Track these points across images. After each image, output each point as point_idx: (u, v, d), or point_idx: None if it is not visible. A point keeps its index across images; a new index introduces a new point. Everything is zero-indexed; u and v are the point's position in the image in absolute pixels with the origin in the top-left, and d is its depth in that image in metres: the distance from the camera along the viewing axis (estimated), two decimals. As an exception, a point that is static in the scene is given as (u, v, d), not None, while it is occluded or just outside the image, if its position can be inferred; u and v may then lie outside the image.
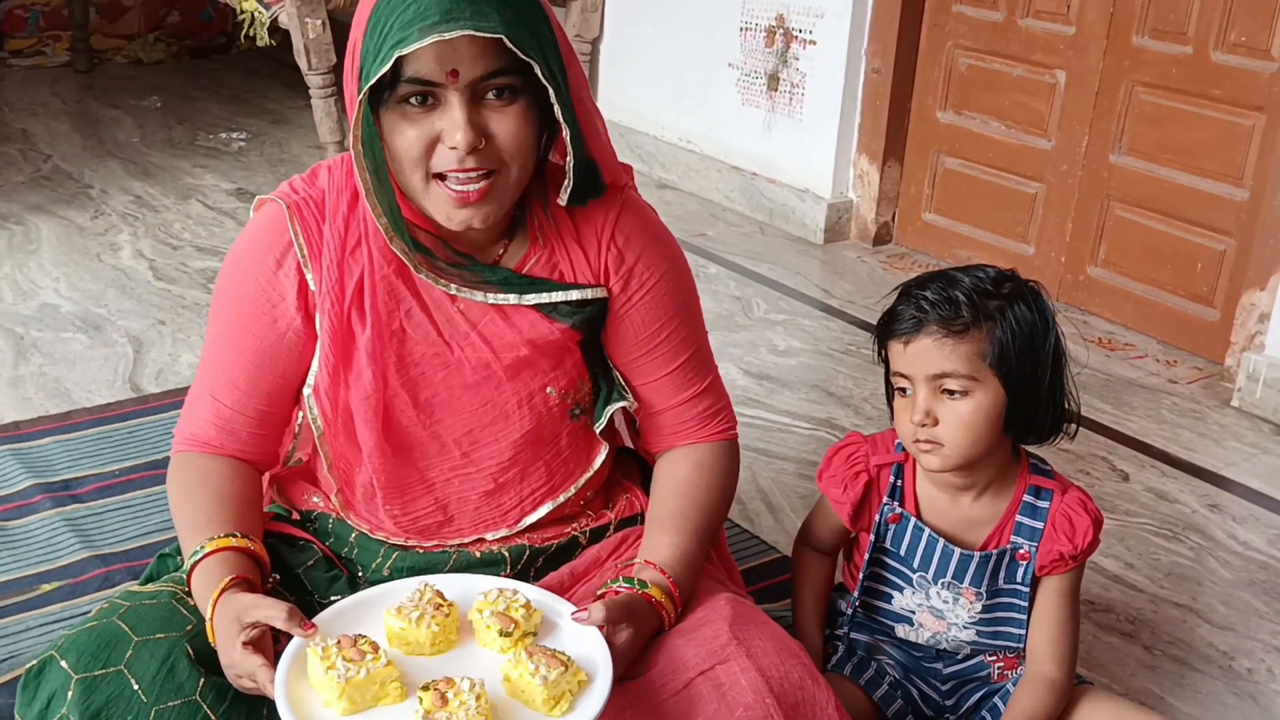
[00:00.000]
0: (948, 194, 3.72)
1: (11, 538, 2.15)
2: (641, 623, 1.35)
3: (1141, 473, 2.60)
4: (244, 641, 1.24)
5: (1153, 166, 3.18)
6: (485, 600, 1.31)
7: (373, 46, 1.27)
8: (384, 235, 1.36)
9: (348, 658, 1.21)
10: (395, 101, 1.30)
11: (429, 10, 1.23)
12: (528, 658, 1.23)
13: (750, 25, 3.93)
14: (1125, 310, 3.31)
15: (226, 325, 1.47)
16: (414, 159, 1.32)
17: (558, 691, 1.21)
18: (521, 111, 1.32)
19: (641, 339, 1.51)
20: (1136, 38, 3.15)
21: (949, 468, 1.56)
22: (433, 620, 1.28)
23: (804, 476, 2.49)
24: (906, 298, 1.55)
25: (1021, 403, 1.54)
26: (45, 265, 3.39)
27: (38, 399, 2.67)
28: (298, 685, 1.22)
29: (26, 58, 5.45)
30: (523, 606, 1.31)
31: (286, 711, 1.18)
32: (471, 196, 1.33)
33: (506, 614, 1.29)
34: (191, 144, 4.56)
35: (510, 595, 1.32)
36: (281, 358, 1.45)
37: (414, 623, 1.28)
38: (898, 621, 1.71)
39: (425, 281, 1.43)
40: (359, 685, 1.20)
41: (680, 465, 1.55)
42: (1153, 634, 2.09)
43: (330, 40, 3.66)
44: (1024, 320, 1.51)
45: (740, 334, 3.19)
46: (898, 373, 1.56)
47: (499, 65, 1.28)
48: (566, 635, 1.31)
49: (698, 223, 3.98)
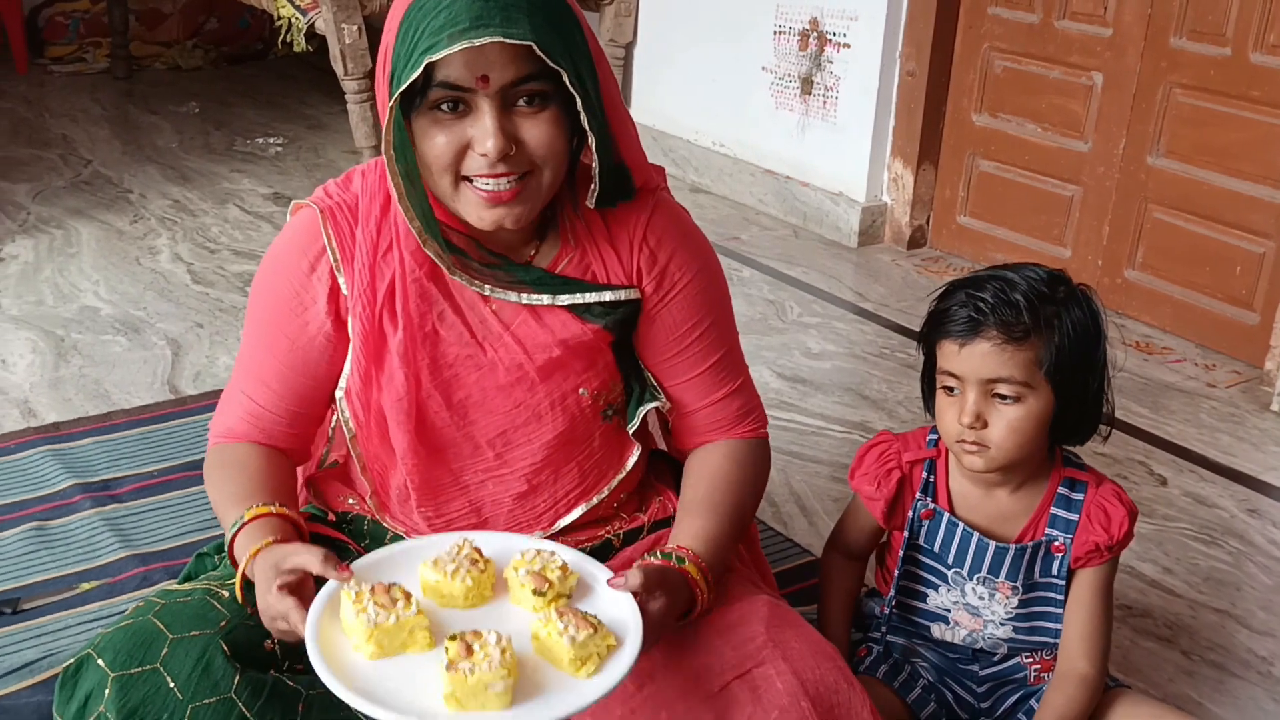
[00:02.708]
0: (983, 197, 3.70)
1: (51, 537, 2.18)
2: (675, 594, 1.34)
3: (1180, 477, 2.58)
4: (280, 585, 1.25)
5: (1191, 169, 3.15)
6: (522, 559, 1.32)
7: (404, 52, 1.28)
8: (417, 238, 1.37)
9: (379, 603, 1.22)
10: (426, 107, 1.31)
11: (459, 17, 1.24)
12: (558, 617, 1.23)
13: (784, 29, 3.92)
14: (1163, 314, 3.28)
15: (260, 326, 1.49)
16: (444, 164, 1.32)
17: (585, 653, 1.21)
18: (552, 118, 1.32)
19: (673, 339, 1.51)
20: (1174, 39, 3.12)
21: (992, 469, 1.56)
22: (468, 574, 1.29)
23: (838, 480, 2.48)
24: (962, 297, 1.52)
25: (1070, 408, 1.53)
26: (85, 269, 3.43)
27: (78, 400, 2.70)
28: (330, 628, 1.23)
29: (67, 64, 5.52)
30: (559, 568, 1.31)
31: (314, 650, 1.19)
32: (504, 196, 1.33)
33: (542, 574, 1.29)
34: (229, 149, 4.60)
35: (547, 556, 1.32)
36: (313, 359, 1.47)
37: (449, 575, 1.29)
38: (933, 621, 1.70)
39: (458, 283, 1.43)
40: (388, 631, 1.21)
41: (711, 456, 1.55)
42: (1191, 639, 2.07)
43: (366, 45, 3.69)
44: (1079, 326, 1.50)
45: (774, 337, 3.18)
46: (947, 372, 1.55)
47: (529, 71, 1.29)
48: (601, 599, 1.31)
49: (731, 226, 3.98)
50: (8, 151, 4.43)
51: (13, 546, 2.14)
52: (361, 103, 3.76)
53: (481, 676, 1.16)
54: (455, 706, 1.17)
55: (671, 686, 1.33)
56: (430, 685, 1.19)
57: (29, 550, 2.13)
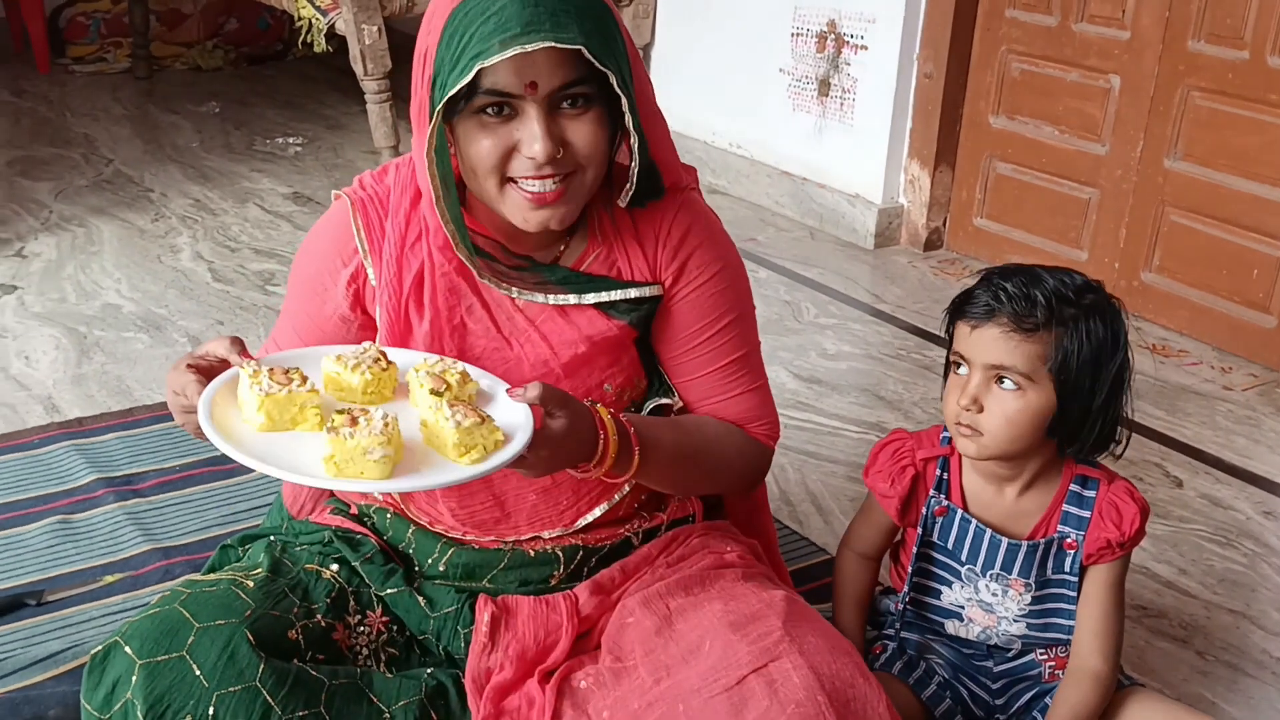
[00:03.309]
0: (1000, 199, 3.70)
1: (76, 530, 2.20)
2: (578, 421, 1.32)
3: (1195, 479, 2.58)
4: (188, 364, 1.29)
5: (1208, 171, 3.15)
6: (424, 365, 1.33)
7: (450, 56, 1.28)
8: (451, 243, 1.39)
9: (275, 380, 1.25)
10: (470, 111, 1.32)
11: (510, 22, 1.25)
12: (448, 406, 1.24)
13: (801, 31, 3.93)
14: (1180, 316, 3.28)
15: (291, 302, 1.55)
16: (490, 167, 1.34)
17: (470, 440, 1.22)
18: (596, 118, 1.34)
19: (687, 334, 1.52)
20: (1192, 42, 3.13)
21: (983, 457, 1.57)
22: (368, 369, 1.31)
23: (853, 480, 2.49)
24: (986, 283, 1.55)
25: (1070, 413, 1.54)
26: (107, 267, 3.47)
27: (100, 396, 2.72)
28: (225, 404, 1.26)
29: (88, 64, 5.56)
30: (459, 374, 1.31)
31: (206, 418, 1.22)
32: (549, 197, 1.35)
33: (441, 376, 1.30)
34: (249, 149, 4.63)
35: (450, 364, 1.33)
36: (328, 339, 1.50)
37: (349, 368, 1.31)
38: (947, 617, 1.71)
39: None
40: (279, 402, 1.23)
41: (708, 417, 1.56)
42: (1206, 640, 2.07)
43: (386, 46, 3.71)
44: (1095, 336, 1.51)
45: (790, 338, 3.19)
46: (957, 352, 1.57)
47: (576, 76, 1.30)
48: (499, 408, 1.31)
49: (748, 227, 3.99)
50: (30, 150, 4.47)
51: (37, 540, 2.17)
52: (381, 103, 3.77)
53: (361, 441, 1.17)
54: (334, 472, 1.18)
55: (688, 680, 1.34)
56: (312, 453, 1.21)
57: (53, 543, 2.16)
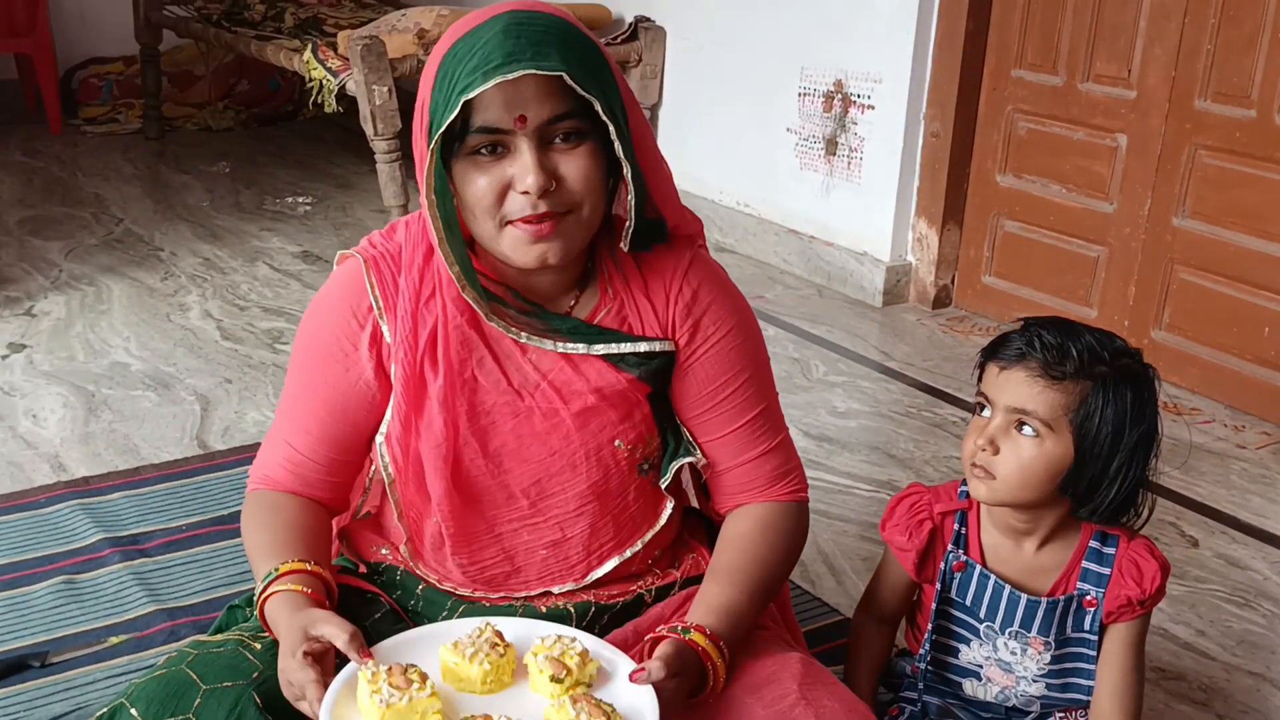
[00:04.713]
0: (1008, 257, 3.70)
1: (80, 591, 2.18)
2: (687, 671, 1.34)
3: (1211, 539, 2.56)
4: (305, 652, 1.25)
5: (1217, 229, 3.16)
6: (542, 645, 1.32)
7: (441, 98, 1.32)
8: (456, 284, 1.39)
9: (395, 685, 1.22)
10: (466, 153, 1.34)
11: (492, 55, 1.28)
12: (571, 704, 1.22)
13: (809, 90, 3.96)
14: (1191, 375, 3.27)
15: (304, 372, 1.51)
16: (486, 207, 1.35)
17: None
18: (589, 152, 1.35)
19: (707, 392, 1.52)
20: (1199, 101, 3.14)
21: (993, 502, 1.56)
22: (486, 658, 1.29)
23: (866, 539, 2.47)
24: (1024, 329, 1.55)
25: (1086, 471, 1.52)
26: (116, 325, 3.47)
27: (108, 455, 2.71)
28: (346, 709, 1.23)
29: (100, 125, 5.61)
30: (579, 655, 1.30)
31: None
32: (544, 231, 1.35)
33: (561, 660, 1.29)
34: (259, 208, 4.66)
35: (568, 643, 1.32)
36: (353, 406, 1.48)
37: (468, 659, 1.29)
38: (965, 677, 1.69)
39: (496, 331, 1.45)
40: (400, 711, 1.21)
41: (744, 520, 1.55)
42: (1225, 703, 2.04)
43: (395, 106, 3.74)
44: (1123, 399, 1.50)
45: (799, 395, 3.18)
46: (982, 392, 1.57)
47: (565, 108, 1.32)
48: (619, 687, 1.30)
49: (756, 285, 3.99)
50: (41, 210, 4.49)
51: (42, 600, 2.15)
52: (390, 162, 3.80)
53: None
54: None
55: (704, 744, 1.32)
56: None
57: (58, 604, 2.14)
